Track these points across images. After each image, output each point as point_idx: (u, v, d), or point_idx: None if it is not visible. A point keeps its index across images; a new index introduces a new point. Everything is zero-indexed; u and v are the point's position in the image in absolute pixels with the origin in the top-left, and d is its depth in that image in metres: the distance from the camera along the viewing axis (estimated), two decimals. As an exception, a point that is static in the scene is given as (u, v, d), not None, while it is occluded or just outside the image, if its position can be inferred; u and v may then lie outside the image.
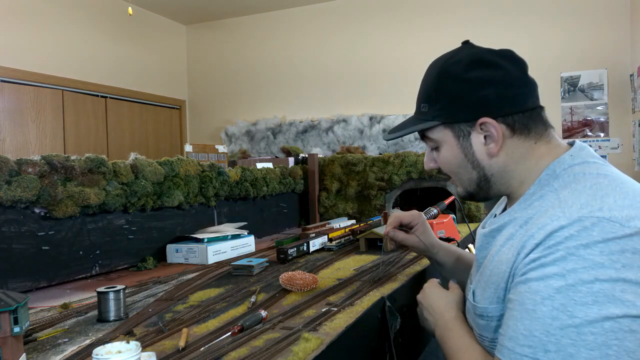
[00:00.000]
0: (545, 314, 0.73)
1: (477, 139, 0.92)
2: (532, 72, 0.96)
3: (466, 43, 0.98)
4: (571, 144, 0.93)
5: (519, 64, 0.93)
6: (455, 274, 1.25)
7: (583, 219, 0.75)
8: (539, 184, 0.88)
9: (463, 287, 1.15)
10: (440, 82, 0.94)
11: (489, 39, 4.66)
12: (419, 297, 1.13)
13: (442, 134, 0.95)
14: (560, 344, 0.72)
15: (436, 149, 0.99)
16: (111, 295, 1.07)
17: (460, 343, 0.95)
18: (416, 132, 0.99)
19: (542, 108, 0.94)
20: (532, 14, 4.35)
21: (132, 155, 1.70)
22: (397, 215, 1.35)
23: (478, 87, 0.90)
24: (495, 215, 1.02)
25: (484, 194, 0.98)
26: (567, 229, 0.75)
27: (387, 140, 1.07)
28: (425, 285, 1.13)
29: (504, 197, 1.04)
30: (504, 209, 1.02)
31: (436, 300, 1.07)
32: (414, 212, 1.36)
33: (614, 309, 0.70)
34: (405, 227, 1.33)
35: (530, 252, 0.78)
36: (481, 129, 0.91)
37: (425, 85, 0.98)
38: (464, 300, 1.06)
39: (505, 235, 0.89)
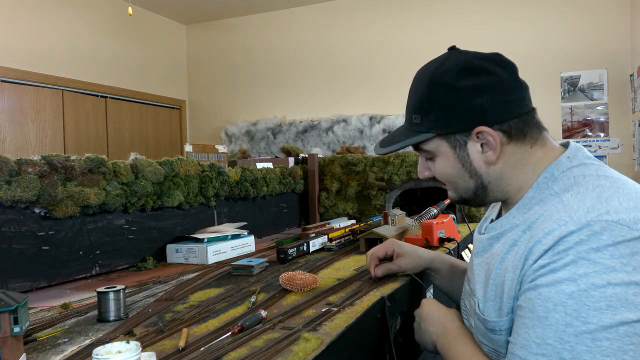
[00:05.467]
0: (558, 320, 0.72)
1: (474, 147, 0.90)
2: (532, 72, 0.95)
3: (453, 49, 0.95)
4: (565, 145, 0.92)
5: (509, 68, 0.91)
6: (451, 281, 1.25)
7: (592, 223, 0.74)
8: (538, 188, 0.87)
9: (457, 296, 1.14)
10: (431, 93, 0.91)
11: (488, 40, 4.65)
12: (418, 311, 1.11)
13: (437, 145, 0.93)
14: (575, 351, 0.70)
15: (431, 158, 0.97)
16: (111, 295, 1.07)
17: (466, 350, 0.93)
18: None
19: (534, 110, 0.92)
20: (532, 14, 4.35)
21: (132, 155, 1.70)
22: (372, 255, 1.33)
23: (471, 95, 0.88)
24: (491, 220, 1.01)
25: (479, 201, 0.97)
26: (576, 234, 0.74)
27: (381, 154, 1.05)
28: (424, 301, 1.12)
29: None
30: (499, 213, 1.01)
31: (437, 311, 1.06)
32: (385, 242, 1.35)
33: (628, 313, 0.69)
34: (387, 258, 1.33)
35: (538, 258, 0.77)
36: (477, 137, 0.89)
37: (415, 96, 0.95)
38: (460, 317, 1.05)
39: (507, 242, 0.87)
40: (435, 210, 1.88)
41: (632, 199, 0.77)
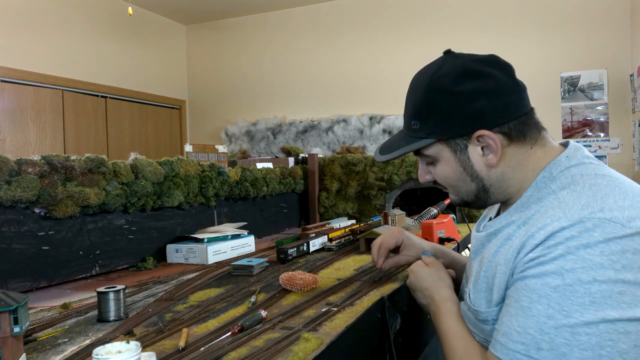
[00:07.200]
0: (541, 312, 0.73)
1: (474, 151, 0.91)
2: (532, 72, 0.95)
3: (448, 53, 0.95)
4: (565, 145, 0.92)
5: (506, 69, 0.91)
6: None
7: (584, 220, 0.75)
8: (536, 187, 0.88)
9: (458, 288, 1.15)
10: (429, 98, 0.91)
11: (488, 39, 4.62)
12: (409, 282, 1.13)
13: (438, 150, 0.93)
14: (553, 343, 0.72)
15: (431, 163, 0.97)
16: (111, 295, 1.07)
17: (451, 327, 0.96)
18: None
19: (533, 110, 0.92)
20: (532, 14, 4.35)
21: (132, 155, 1.70)
22: (382, 245, 1.30)
23: (470, 100, 0.88)
24: (490, 219, 1.01)
25: (481, 204, 0.97)
26: (568, 230, 0.75)
27: (382, 162, 1.05)
28: (411, 268, 1.13)
29: None
30: (498, 212, 1.01)
31: (424, 281, 1.08)
32: (394, 232, 1.32)
33: (610, 311, 0.70)
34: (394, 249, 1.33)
35: (529, 252, 0.78)
36: (478, 141, 0.89)
37: (413, 101, 0.95)
38: (449, 277, 1.08)
39: (502, 237, 0.88)
40: (435, 210, 1.88)
41: (629, 198, 0.78)
